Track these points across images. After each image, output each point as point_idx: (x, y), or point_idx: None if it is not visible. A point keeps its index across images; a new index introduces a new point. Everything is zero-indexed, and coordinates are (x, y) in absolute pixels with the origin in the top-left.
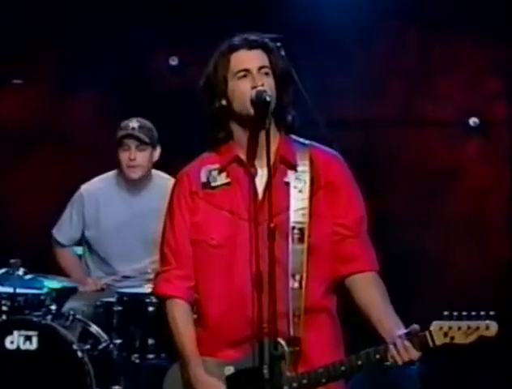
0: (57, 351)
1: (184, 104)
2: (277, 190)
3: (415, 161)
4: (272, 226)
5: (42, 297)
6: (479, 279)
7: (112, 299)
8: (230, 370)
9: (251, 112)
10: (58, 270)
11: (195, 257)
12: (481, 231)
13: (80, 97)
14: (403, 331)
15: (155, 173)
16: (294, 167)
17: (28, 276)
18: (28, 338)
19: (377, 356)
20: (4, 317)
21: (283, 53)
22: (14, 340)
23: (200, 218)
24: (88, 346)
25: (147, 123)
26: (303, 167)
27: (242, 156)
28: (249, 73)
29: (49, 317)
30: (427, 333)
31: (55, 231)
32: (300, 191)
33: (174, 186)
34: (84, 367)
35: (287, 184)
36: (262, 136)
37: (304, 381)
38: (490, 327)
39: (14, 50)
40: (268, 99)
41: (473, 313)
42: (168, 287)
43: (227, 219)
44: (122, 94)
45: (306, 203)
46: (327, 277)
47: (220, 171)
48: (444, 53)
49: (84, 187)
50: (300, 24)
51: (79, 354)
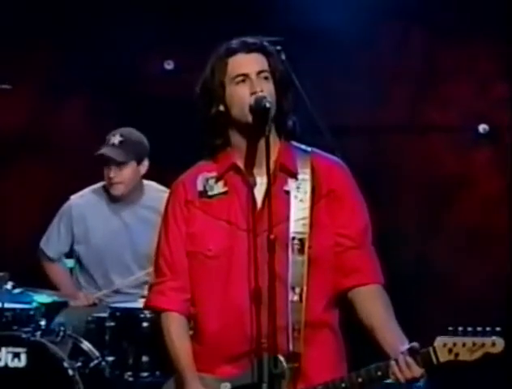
0: (46, 368)
1: (180, 109)
2: (277, 199)
3: (420, 170)
4: (272, 238)
5: (31, 312)
6: (486, 292)
7: (104, 314)
8: (227, 387)
9: (250, 119)
10: (48, 283)
11: (191, 269)
12: (490, 243)
13: (70, 103)
14: (407, 347)
15: (148, 185)
16: (294, 175)
17: (17, 290)
18: (17, 355)
19: (378, 373)
20: None
21: (283, 57)
22: (1, 357)
23: (196, 228)
24: (79, 363)
25: (133, 135)
26: (304, 175)
27: (240, 164)
28: (247, 78)
29: (39, 333)
30: (430, 349)
31: (43, 244)
32: (300, 200)
33: (169, 196)
34: (75, 386)
35: (287, 193)
36: (262, 143)
37: None
38: (496, 344)
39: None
40: (268, 105)
41: (479, 328)
42: (162, 299)
43: (224, 229)
44: (115, 99)
45: (307, 213)
46: (329, 290)
47: (217, 179)
48: (450, 56)
49: (73, 199)
50: (300, 27)
51: (70, 372)
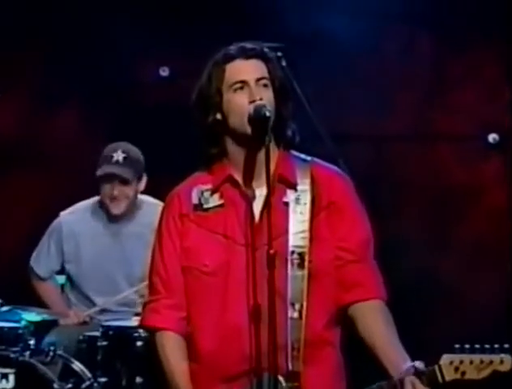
0: None
1: (176, 118)
2: (275, 212)
3: (427, 180)
4: (272, 253)
5: (20, 331)
6: (494, 306)
7: (96, 333)
8: None
9: (248, 128)
10: (38, 301)
11: (186, 285)
12: (498, 256)
13: (62, 111)
14: (410, 365)
15: (142, 199)
16: (294, 186)
17: (4, 308)
18: (5, 376)
19: None
20: None
21: (283, 63)
22: None
23: (191, 243)
24: (70, 385)
25: (134, 152)
26: (303, 186)
27: (236, 176)
28: (246, 85)
29: (28, 353)
30: (436, 368)
31: (33, 262)
32: (300, 212)
33: (163, 209)
34: None
35: (286, 204)
36: (260, 154)
37: None
38: (505, 361)
39: None
40: (268, 114)
41: (486, 345)
42: (156, 318)
43: (221, 243)
44: (108, 108)
45: (307, 226)
46: (330, 306)
47: (213, 192)
48: (459, 62)
49: (63, 216)
50: (301, 32)
51: None
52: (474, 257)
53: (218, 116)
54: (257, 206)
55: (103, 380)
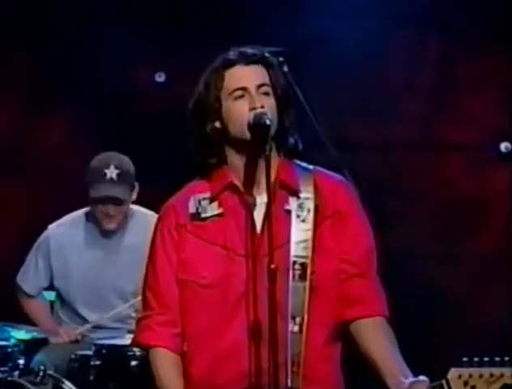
0: None
1: (172, 125)
2: (277, 220)
3: (436, 191)
4: (273, 267)
5: (9, 350)
6: (506, 320)
7: (88, 352)
8: None
9: (248, 136)
10: (27, 318)
11: (183, 299)
12: (510, 269)
13: (52, 118)
14: (414, 380)
15: (134, 210)
16: (296, 193)
17: None
18: None
19: None
20: None
21: (285, 69)
22: None
23: (188, 254)
24: None
25: (126, 164)
26: (306, 193)
27: (237, 183)
28: (246, 92)
29: (17, 372)
30: (444, 382)
31: (19, 279)
32: (302, 220)
33: (158, 220)
34: None
35: (288, 212)
36: (261, 162)
37: None
38: None
39: None
40: (268, 122)
41: (496, 358)
42: (149, 335)
43: (219, 255)
44: (101, 115)
45: (309, 235)
46: (330, 320)
47: (211, 200)
48: (469, 68)
49: (51, 229)
50: (305, 36)
51: None
52: (485, 269)
53: (217, 124)
54: (258, 214)
55: None
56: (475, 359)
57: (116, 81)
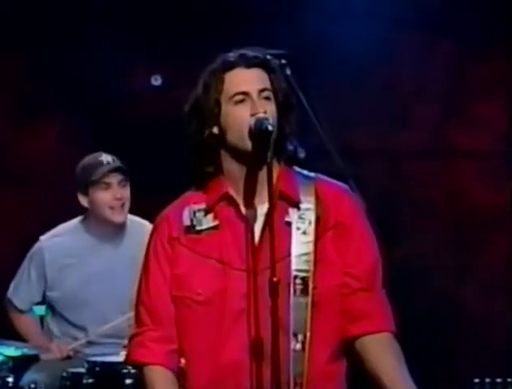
0: None
1: (169, 131)
2: (276, 232)
3: (446, 201)
4: (276, 280)
5: None
6: None
7: (81, 369)
8: None
9: (248, 143)
10: (16, 334)
11: (178, 316)
12: None
13: (44, 124)
14: None
15: (130, 219)
16: (296, 204)
17: None
18: None
19: None
20: None
21: (288, 72)
22: None
23: (182, 269)
24: None
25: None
26: (307, 204)
27: (233, 194)
28: (247, 97)
29: None
30: None
31: (11, 293)
32: (303, 233)
33: (152, 232)
34: None
35: (288, 224)
36: (260, 170)
37: None
38: None
39: None
40: (271, 128)
41: (509, 379)
42: (143, 352)
43: (215, 269)
44: (95, 120)
45: (311, 248)
46: (334, 337)
47: (206, 212)
48: (481, 72)
49: (44, 240)
50: (309, 38)
51: None
52: (499, 283)
53: (215, 129)
54: (256, 226)
55: None
56: (486, 380)
57: (110, 85)
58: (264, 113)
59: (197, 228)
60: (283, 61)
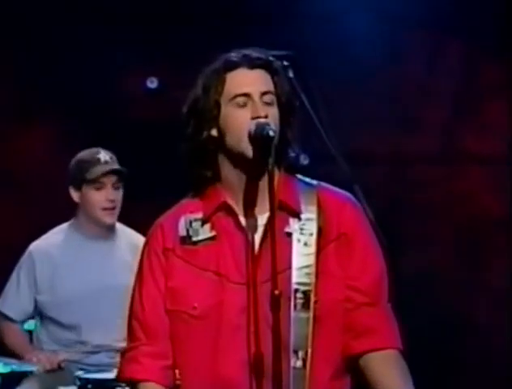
0: None
1: (165, 135)
2: (277, 244)
3: (456, 209)
4: (277, 293)
5: None
6: None
7: (73, 387)
8: None
9: (248, 148)
10: (5, 350)
11: (173, 331)
12: None
13: (37, 127)
14: None
15: (121, 227)
16: (297, 214)
17: None
18: None
19: None
20: None
21: (291, 74)
22: None
23: (177, 282)
24: None
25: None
26: (309, 214)
27: (232, 203)
28: (249, 99)
29: None
30: None
31: (0, 303)
32: (304, 244)
33: (146, 242)
34: None
35: (288, 235)
36: (259, 178)
37: None
38: None
39: None
40: (272, 134)
41: None
42: (136, 368)
43: (212, 282)
44: (89, 123)
45: (312, 260)
46: (337, 354)
47: (203, 222)
48: (492, 73)
49: (34, 245)
50: (310, 38)
51: None
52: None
53: (213, 132)
54: (255, 237)
55: None
56: None
57: (104, 87)
58: (265, 117)
59: (193, 238)
60: (285, 62)
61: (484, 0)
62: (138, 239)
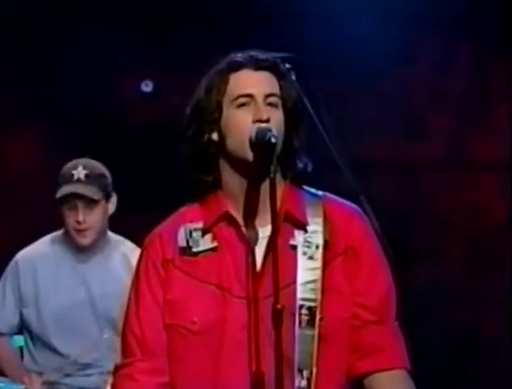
0: None
1: (161, 141)
2: (281, 257)
3: (466, 218)
4: (279, 307)
5: None
6: None
7: None
8: None
9: (249, 153)
10: None
11: (171, 346)
12: None
13: (22, 134)
14: None
15: (113, 236)
16: (303, 226)
17: None
18: None
19: None
20: None
21: (293, 77)
22: None
23: (176, 295)
24: None
25: (97, 167)
26: (315, 226)
27: (234, 212)
28: (252, 101)
29: None
30: None
31: None
32: (310, 258)
33: (142, 252)
34: None
35: (293, 248)
36: (263, 186)
37: None
38: None
39: None
40: (274, 140)
41: None
42: (131, 385)
43: (213, 296)
44: (81, 128)
45: (318, 274)
46: (342, 374)
47: (204, 232)
48: (504, 78)
49: (20, 255)
50: (313, 39)
51: None
52: None
53: (214, 136)
54: (258, 249)
55: None
56: None
57: (96, 91)
58: (268, 121)
59: (193, 249)
60: (287, 65)
61: (498, 5)
62: (133, 250)
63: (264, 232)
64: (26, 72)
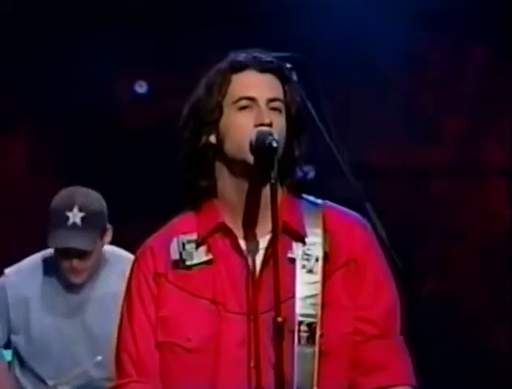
0: None
1: (155, 145)
2: (279, 270)
3: (477, 225)
4: (280, 320)
5: None
6: None
7: None
8: None
9: (249, 157)
10: None
11: (164, 365)
12: None
13: (9, 139)
14: None
15: (109, 254)
16: (302, 238)
17: None
18: None
19: None
20: None
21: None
22: None
23: (170, 311)
24: None
25: (93, 203)
26: (314, 238)
27: (230, 222)
28: (254, 104)
29: None
30: None
31: None
32: (309, 271)
33: (133, 266)
34: None
35: (291, 261)
36: (261, 194)
37: None
38: None
39: None
40: (275, 144)
41: None
42: None
43: (208, 311)
44: (70, 133)
45: (318, 289)
46: None
47: (198, 244)
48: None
49: (8, 276)
50: (316, 38)
51: None
52: None
53: (212, 138)
54: (255, 262)
55: None
56: None
57: (89, 92)
58: (270, 125)
59: (187, 262)
60: (288, 65)
61: (505, 1)
62: (130, 261)
63: (261, 243)
64: (16, 77)
